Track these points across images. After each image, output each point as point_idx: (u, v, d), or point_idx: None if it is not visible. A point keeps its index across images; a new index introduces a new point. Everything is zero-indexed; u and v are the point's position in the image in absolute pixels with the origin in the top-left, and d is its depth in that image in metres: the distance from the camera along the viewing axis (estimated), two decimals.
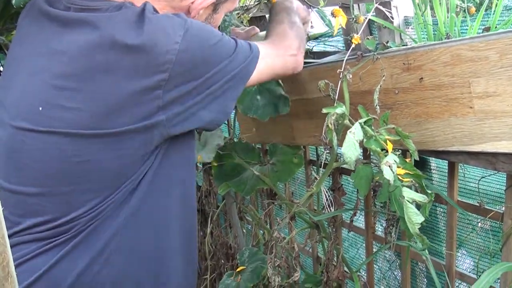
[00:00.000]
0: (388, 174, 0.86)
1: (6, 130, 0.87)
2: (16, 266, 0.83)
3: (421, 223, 0.91)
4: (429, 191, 0.92)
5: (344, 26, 1.14)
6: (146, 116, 0.83)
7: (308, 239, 1.50)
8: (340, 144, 1.03)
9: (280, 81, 1.29)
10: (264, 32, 1.31)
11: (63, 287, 0.85)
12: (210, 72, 0.87)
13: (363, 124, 0.97)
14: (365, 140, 0.97)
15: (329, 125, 0.97)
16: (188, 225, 1.03)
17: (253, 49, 0.97)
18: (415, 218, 0.89)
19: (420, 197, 0.89)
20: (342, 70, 1.07)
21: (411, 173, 0.92)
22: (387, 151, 0.95)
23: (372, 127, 1.00)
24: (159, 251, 0.95)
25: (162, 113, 0.84)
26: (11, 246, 0.83)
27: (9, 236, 0.84)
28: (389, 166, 0.87)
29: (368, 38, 1.24)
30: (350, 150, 0.91)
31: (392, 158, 0.90)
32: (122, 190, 0.87)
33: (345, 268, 1.43)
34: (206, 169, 1.79)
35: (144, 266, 0.93)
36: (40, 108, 0.83)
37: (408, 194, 0.89)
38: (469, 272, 1.29)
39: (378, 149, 0.94)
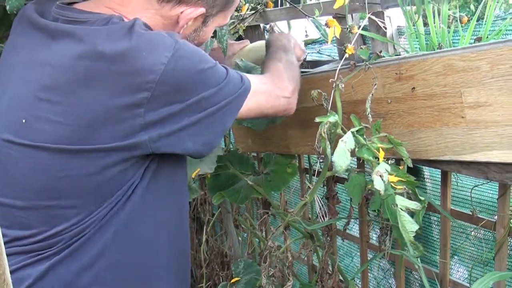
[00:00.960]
0: (378, 184, 0.86)
1: None
2: None
3: (415, 231, 0.91)
4: (422, 198, 0.92)
5: (338, 36, 1.15)
6: (128, 134, 0.82)
7: (302, 248, 1.50)
8: (333, 153, 1.04)
9: None
10: (253, 45, 1.31)
11: None
12: (193, 98, 0.85)
13: (355, 133, 0.97)
14: (357, 149, 0.97)
15: (323, 134, 0.97)
16: (179, 245, 1.02)
17: (244, 82, 0.94)
18: (409, 227, 0.89)
19: (413, 205, 0.89)
20: (335, 79, 1.07)
21: (404, 180, 0.93)
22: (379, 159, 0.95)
23: (364, 136, 1.00)
24: (149, 270, 0.94)
25: (144, 133, 0.83)
26: None
27: None
28: (380, 176, 0.87)
29: (361, 48, 1.25)
30: (341, 158, 0.91)
31: (383, 167, 0.90)
32: (107, 207, 0.86)
33: (340, 277, 1.43)
34: (201, 178, 1.79)
35: (135, 283, 0.92)
36: (24, 121, 0.82)
37: (401, 202, 0.89)
38: (463, 280, 1.29)
39: (371, 158, 0.95)
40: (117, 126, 0.81)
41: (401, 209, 0.88)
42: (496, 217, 1.13)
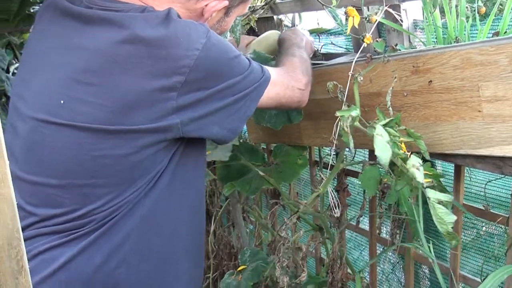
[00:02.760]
0: (420, 177, 0.87)
1: (26, 123, 0.88)
2: (34, 257, 0.84)
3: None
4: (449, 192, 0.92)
5: (357, 26, 1.14)
6: (160, 117, 0.85)
7: (311, 241, 1.50)
8: (346, 145, 1.03)
9: None
10: (259, 38, 1.32)
11: (80, 281, 0.86)
12: (221, 85, 0.89)
13: (384, 126, 0.97)
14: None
15: (345, 128, 0.97)
16: (198, 228, 1.05)
17: (264, 72, 0.99)
18: (447, 218, 0.89)
19: (445, 197, 0.89)
20: (352, 71, 1.07)
21: (430, 173, 0.92)
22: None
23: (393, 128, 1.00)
24: (171, 254, 0.97)
25: (176, 116, 0.86)
26: (30, 238, 0.85)
27: (27, 227, 0.86)
28: (417, 169, 0.87)
29: (377, 41, 1.25)
30: (384, 152, 0.91)
31: (416, 161, 0.90)
32: (138, 189, 0.88)
33: (349, 270, 1.43)
34: (211, 169, 1.79)
35: (157, 267, 0.94)
36: (62, 101, 0.84)
37: (433, 195, 0.89)
38: (473, 275, 1.29)
39: (400, 152, 0.95)
40: (151, 108, 0.84)
41: (434, 201, 0.88)
42: (509, 212, 1.13)
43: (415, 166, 0.90)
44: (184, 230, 0.99)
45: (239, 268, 1.45)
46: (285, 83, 1.05)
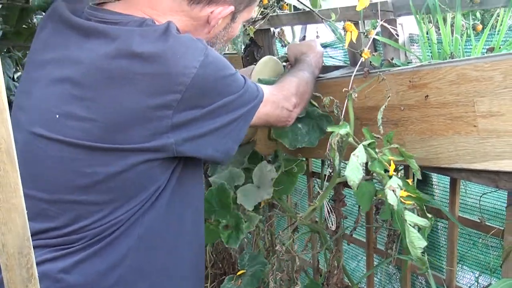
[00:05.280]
0: (392, 199, 0.87)
1: (22, 134, 0.87)
2: None
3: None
4: (429, 215, 0.93)
5: (354, 40, 1.16)
6: (154, 135, 0.83)
7: (309, 249, 1.50)
8: (345, 159, 1.05)
9: (312, 101, 1.24)
10: (258, 68, 1.28)
11: None
12: (217, 103, 0.87)
13: (366, 146, 0.98)
14: (369, 162, 0.98)
15: (332, 145, 0.97)
16: (198, 245, 1.04)
17: (259, 91, 0.96)
18: (417, 243, 0.89)
19: (421, 221, 0.89)
20: (349, 88, 1.08)
21: (413, 196, 0.93)
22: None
23: (376, 149, 1.01)
24: (172, 271, 0.95)
25: (170, 135, 0.84)
26: None
27: None
28: (393, 191, 0.88)
29: (373, 54, 1.26)
30: (354, 173, 0.91)
31: (395, 182, 0.91)
32: (134, 207, 0.87)
33: (346, 280, 1.43)
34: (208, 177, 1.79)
35: (156, 285, 0.93)
36: (57, 116, 0.83)
37: (410, 217, 0.89)
38: (469, 287, 1.30)
39: (382, 171, 0.95)
40: (145, 126, 0.82)
41: (410, 224, 0.89)
42: (504, 224, 1.14)
43: (391, 187, 0.90)
44: (184, 248, 0.98)
45: (239, 273, 1.45)
46: (276, 103, 1.03)
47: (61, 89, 0.84)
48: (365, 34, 1.14)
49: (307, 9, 1.41)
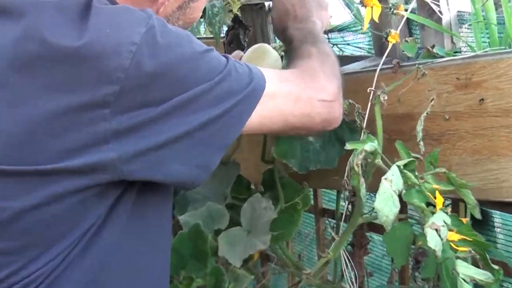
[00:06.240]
0: (433, 242, 0.85)
1: None
2: None
3: None
4: (495, 267, 0.90)
5: (376, 19, 1.13)
6: (84, 149, 0.80)
7: None
8: (369, 189, 1.03)
9: None
10: (248, 55, 1.25)
11: None
12: (178, 97, 0.83)
13: (402, 168, 0.96)
14: (404, 190, 0.95)
15: (355, 167, 0.95)
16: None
17: (253, 77, 0.91)
18: None
19: (481, 275, 0.87)
20: (373, 87, 1.07)
21: (469, 239, 0.90)
22: (434, 206, 0.93)
23: (416, 172, 0.99)
24: None
25: (111, 147, 0.81)
26: None
27: None
28: (436, 230, 0.86)
29: (406, 40, 1.25)
30: (387, 205, 0.90)
31: (440, 218, 0.89)
32: (57, 257, 0.85)
33: None
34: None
35: None
36: None
37: (464, 270, 0.87)
38: None
39: (423, 204, 0.93)
40: (69, 136, 0.79)
41: (463, 279, 0.86)
42: None
43: (433, 225, 0.87)
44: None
45: None
46: (295, 94, 0.97)
47: None
48: (391, 10, 1.12)
49: None
